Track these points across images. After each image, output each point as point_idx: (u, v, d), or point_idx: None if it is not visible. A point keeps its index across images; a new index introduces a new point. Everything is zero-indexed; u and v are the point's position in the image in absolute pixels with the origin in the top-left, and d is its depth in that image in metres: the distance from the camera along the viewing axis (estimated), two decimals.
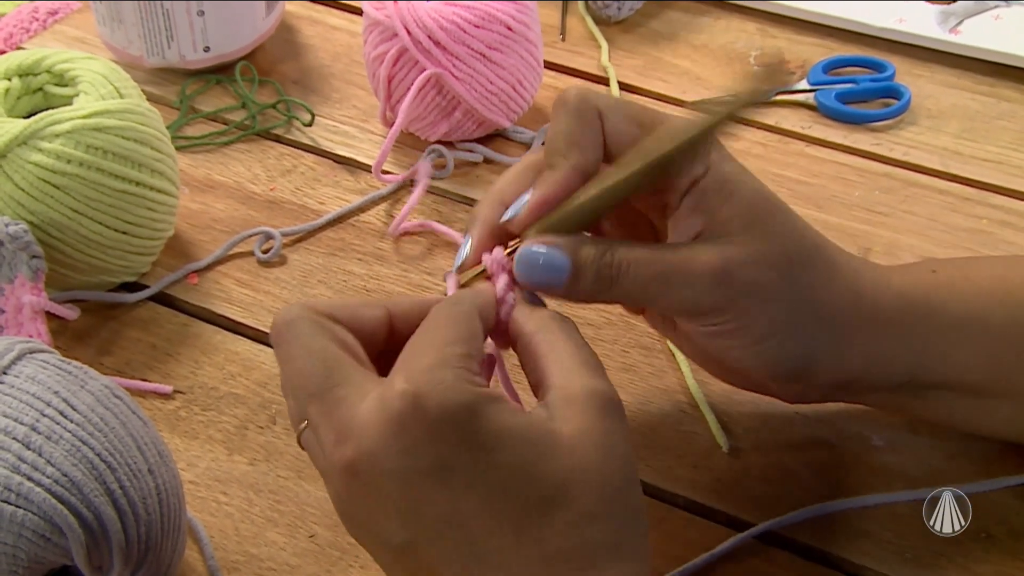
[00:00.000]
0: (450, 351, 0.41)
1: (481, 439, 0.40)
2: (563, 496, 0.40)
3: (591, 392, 0.42)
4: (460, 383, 0.40)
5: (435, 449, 0.40)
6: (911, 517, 0.53)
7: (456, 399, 0.40)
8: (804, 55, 0.83)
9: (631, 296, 0.48)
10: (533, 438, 0.40)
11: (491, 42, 0.70)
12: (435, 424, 0.39)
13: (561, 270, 0.46)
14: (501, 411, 0.40)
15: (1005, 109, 0.78)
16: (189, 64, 0.79)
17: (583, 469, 0.40)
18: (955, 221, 0.70)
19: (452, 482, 0.40)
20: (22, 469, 0.43)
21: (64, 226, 0.60)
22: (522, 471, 0.40)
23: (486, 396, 0.40)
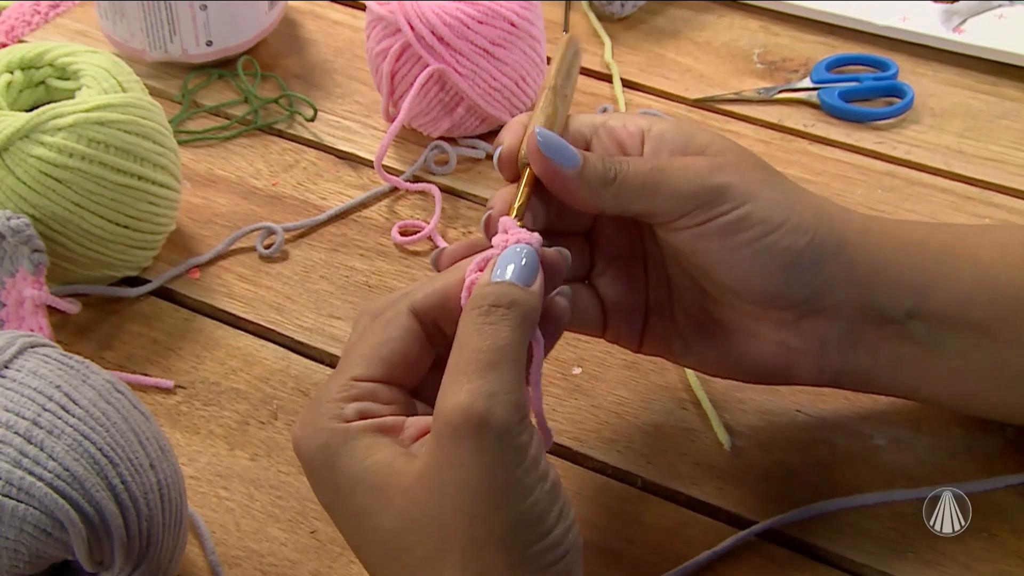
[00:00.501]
0: (334, 383, 0.42)
1: (337, 481, 0.41)
2: (402, 544, 0.39)
3: (450, 415, 0.38)
4: (322, 422, 0.41)
5: (314, 487, 0.43)
6: (913, 515, 0.53)
7: (316, 442, 0.41)
8: (807, 53, 0.83)
9: (634, 189, 0.47)
10: (373, 482, 0.40)
11: (494, 38, 0.70)
12: (306, 468, 0.42)
13: (573, 156, 0.47)
14: (355, 451, 0.40)
15: (1008, 108, 0.78)
16: (191, 58, 0.79)
17: (417, 515, 0.39)
18: (957, 220, 0.70)
19: (334, 517, 0.43)
20: (24, 463, 0.43)
21: (66, 220, 0.60)
22: (365, 517, 0.40)
23: (343, 434, 0.41)
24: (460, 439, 0.38)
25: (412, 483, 0.39)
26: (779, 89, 0.79)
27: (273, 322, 0.64)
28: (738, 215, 0.47)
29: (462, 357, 0.39)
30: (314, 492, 0.43)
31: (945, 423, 0.57)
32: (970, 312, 0.50)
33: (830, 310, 0.49)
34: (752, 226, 0.47)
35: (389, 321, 0.44)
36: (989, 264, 0.50)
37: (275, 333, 0.63)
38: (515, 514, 0.38)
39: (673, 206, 0.47)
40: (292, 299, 0.65)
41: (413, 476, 0.39)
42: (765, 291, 0.49)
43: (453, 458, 0.38)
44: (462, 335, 0.40)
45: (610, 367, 0.61)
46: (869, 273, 0.49)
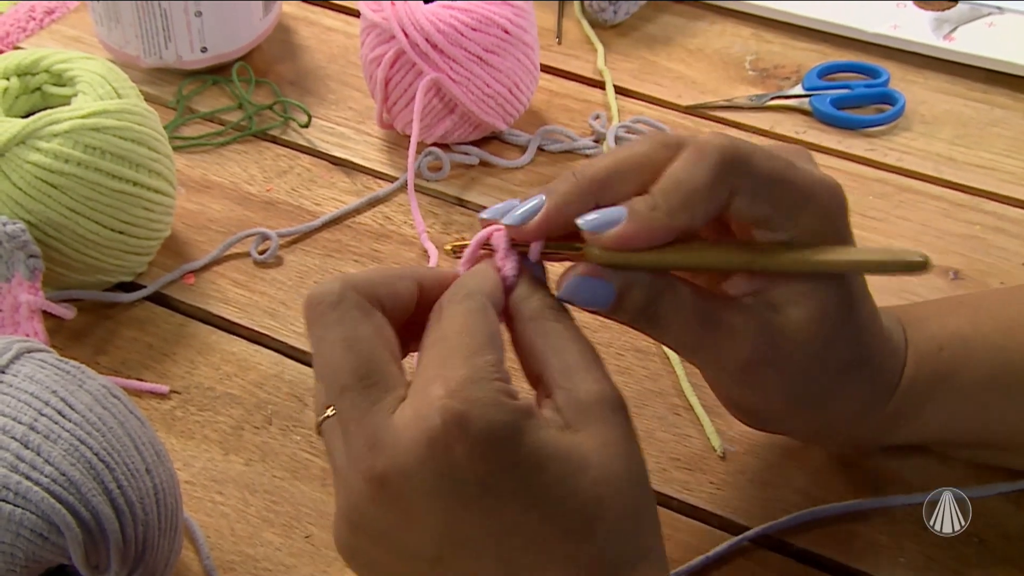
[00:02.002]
0: (483, 361, 0.40)
1: (522, 459, 0.39)
2: (598, 510, 0.40)
3: (602, 398, 0.42)
4: (500, 400, 0.39)
5: (477, 469, 0.39)
6: (905, 521, 0.54)
7: (500, 419, 0.39)
8: (799, 60, 0.83)
9: (669, 341, 0.48)
10: (567, 455, 0.40)
11: (488, 45, 0.70)
12: (478, 446, 0.39)
13: (605, 297, 0.45)
14: (537, 427, 0.40)
15: (998, 116, 0.79)
16: (186, 64, 0.79)
17: (612, 482, 0.40)
18: (948, 227, 0.70)
19: (491, 501, 0.39)
20: (20, 468, 0.43)
21: (61, 225, 0.60)
22: (559, 488, 0.40)
23: (524, 413, 0.40)
24: (621, 415, 0.42)
25: (600, 452, 0.40)
26: (771, 96, 0.79)
27: (267, 327, 0.64)
28: (770, 378, 0.47)
29: (588, 351, 0.43)
30: (438, 480, 0.39)
31: None
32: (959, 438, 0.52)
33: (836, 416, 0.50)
34: (783, 386, 0.48)
35: (483, 310, 0.43)
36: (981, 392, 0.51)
37: (269, 339, 0.63)
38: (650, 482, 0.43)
39: (709, 364, 0.49)
40: (286, 305, 0.65)
41: (597, 448, 0.40)
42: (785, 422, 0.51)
43: (627, 431, 0.42)
44: (573, 334, 0.44)
45: None
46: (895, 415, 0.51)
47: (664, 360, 0.62)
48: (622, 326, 0.62)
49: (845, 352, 0.47)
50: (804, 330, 0.45)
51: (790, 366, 0.46)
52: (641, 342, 0.63)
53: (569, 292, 0.45)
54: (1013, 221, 0.71)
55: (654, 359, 0.62)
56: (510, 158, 0.75)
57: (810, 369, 0.47)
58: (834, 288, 0.46)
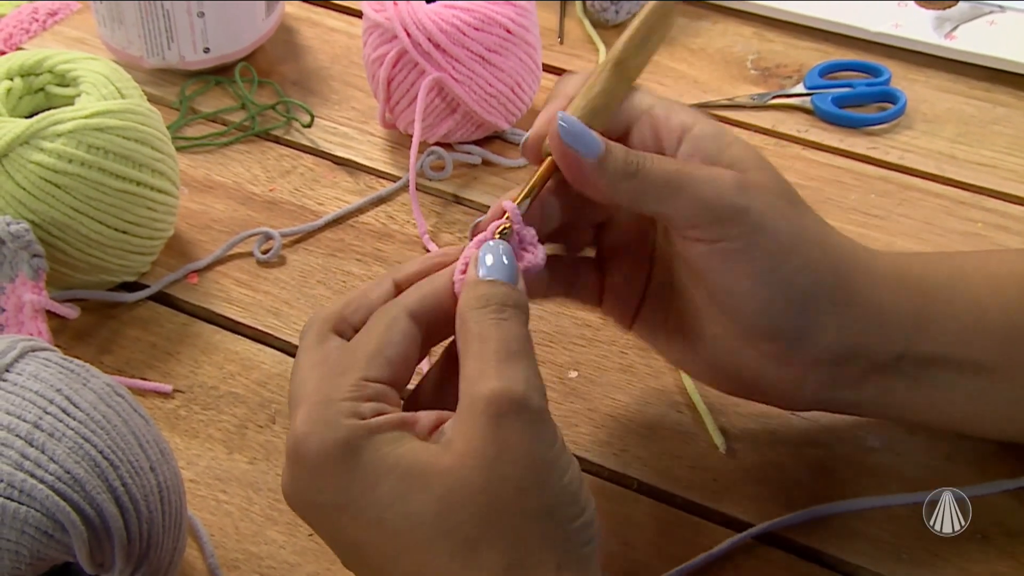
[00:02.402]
0: (348, 380, 0.42)
1: (360, 474, 0.40)
2: (443, 526, 0.39)
3: (490, 398, 0.40)
4: (339, 419, 0.41)
5: (322, 487, 0.41)
6: (907, 518, 0.54)
7: (332, 437, 0.41)
8: (801, 59, 0.83)
9: (652, 187, 0.46)
10: (408, 469, 0.40)
11: (490, 44, 0.70)
12: (316, 465, 0.41)
13: (595, 145, 0.46)
14: (381, 444, 0.40)
15: (1000, 114, 0.79)
16: (189, 65, 0.79)
17: (462, 494, 0.39)
18: (950, 224, 0.70)
19: (344, 516, 0.41)
20: (25, 466, 0.43)
21: (65, 225, 0.60)
22: (399, 504, 0.40)
23: (365, 431, 0.41)
24: (503, 419, 0.40)
25: (455, 464, 0.40)
26: (773, 95, 0.80)
27: (271, 327, 0.64)
28: (748, 242, 0.47)
29: (488, 347, 0.41)
30: (310, 495, 0.42)
31: None
32: (962, 350, 0.50)
33: (815, 352, 0.49)
34: (759, 257, 0.47)
35: (390, 324, 0.44)
36: (986, 303, 0.50)
37: (273, 338, 0.63)
38: (557, 489, 0.40)
39: (688, 214, 0.47)
40: (290, 304, 0.65)
41: (454, 458, 0.40)
42: (754, 320, 0.48)
43: (498, 437, 0.39)
44: (481, 329, 0.42)
45: (606, 371, 0.61)
46: (862, 316, 0.49)
47: None
48: None
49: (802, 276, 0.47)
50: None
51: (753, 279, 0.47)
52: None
53: (568, 125, 0.46)
54: (1015, 219, 0.71)
55: (657, 358, 0.62)
56: (512, 157, 0.75)
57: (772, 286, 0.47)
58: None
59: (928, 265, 0.52)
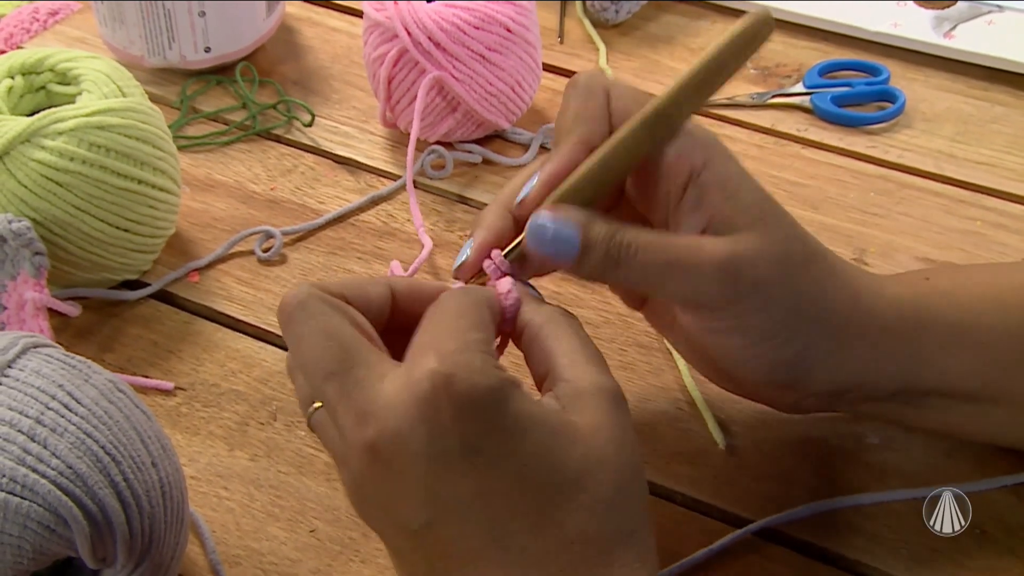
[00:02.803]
0: (473, 337, 0.42)
1: (508, 423, 0.40)
2: (582, 483, 0.41)
3: (599, 387, 0.43)
4: (487, 368, 0.40)
5: (463, 431, 0.40)
6: (907, 514, 0.54)
7: (485, 383, 0.40)
8: (800, 58, 0.83)
9: (636, 280, 0.47)
10: (555, 426, 0.41)
11: (491, 44, 0.70)
12: (464, 406, 0.40)
13: (571, 243, 0.46)
14: (524, 398, 0.41)
15: (999, 113, 0.79)
16: (190, 64, 0.79)
17: (600, 459, 0.41)
18: (949, 223, 0.70)
19: (478, 464, 0.40)
20: (27, 461, 0.43)
21: (67, 223, 0.60)
22: (545, 457, 0.40)
23: (512, 382, 0.41)
24: (618, 406, 0.43)
25: (592, 433, 0.41)
26: (772, 94, 0.80)
27: (272, 324, 0.64)
28: (738, 324, 0.47)
29: (591, 348, 0.45)
30: (428, 440, 0.40)
31: None
32: (960, 385, 0.50)
33: (810, 391, 0.50)
34: (748, 335, 0.48)
35: (478, 305, 0.44)
36: (986, 337, 0.50)
37: (274, 335, 0.64)
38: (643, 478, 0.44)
39: (677, 301, 0.49)
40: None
41: (589, 428, 0.41)
42: (747, 374, 0.50)
43: (622, 422, 0.43)
44: (575, 328, 0.46)
45: None
46: (858, 366, 0.49)
47: (667, 356, 0.62)
48: (625, 322, 0.63)
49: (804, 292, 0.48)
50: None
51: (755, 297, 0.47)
52: (644, 337, 0.63)
53: (536, 237, 0.46)
54: (1014, 217, 0.71)
55: (657, 354, 0.62)
56: (512, 156, 0.75)
57: (776, 300, 0.47)
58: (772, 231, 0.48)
59: (932, 295, 0.51)
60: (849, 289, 0.49)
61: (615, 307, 0.64)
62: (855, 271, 0.51)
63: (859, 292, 0.50)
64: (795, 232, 0.48)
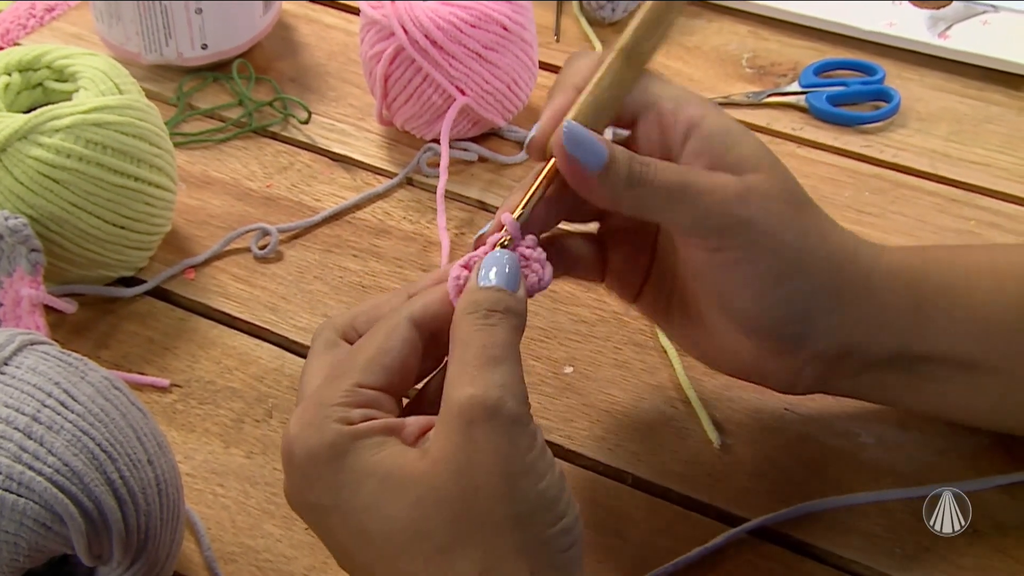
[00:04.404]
0: (340, 386, 0.42)
1: (344, 478, 0.41)
2: (417, 532, 0.40)
3: (463, 404, 0.40)
4: (327, 423, 0.41)
5: (308, 489, 0.42)
6: (900, 513, 0.54)
7: (319, 440, 0.41)
8: (795, 58, 0.84)
9: (655, 198, 0.46)
10: (385, 474, 0.40)
11: (487, 42, 0.70)
12: (304, 466, 0.42)
13: (600, 151, 0.46)
14: (363, 448, 0.41)
15: (993, 113, 0.79)
16: (186, 61, 0.79)
17: (435, 500, 0.40)
18: (943, 222, 0.71)
19: (330, 519, 0.42)
20: (23, 458, 0.43)
21: (63, 220, 0.60)
22: (376, 508, 0.40)
23: (350, 435, 0.41)
24: (476, 425, 0.39)
25: (428, 470, 0.40)
26: (768, 93, 0.80)
27: (268, 322, 0.64)
28: (747, 253, 0.47)
29: (468, 352, 0.41)
30: (303, 495, 0.42)
31: (932, 422, 0.58)
32: (958, 349, 0.50)
33: (812, 350, 0.50)
34: (758, 267, 0.47)
35: (390, 331, 0.44)
36: (985, 304, 0.51)
37: (270, 332, 0.64)
38: (532, 496, 0.40)
39: (689, 225, 0.48)
40: (287, 299, 0.66)
41: (428, 464, 0.40)
42: (753, 323, 0.49)
43: (471, 443, 0.39)
44: (464, 334, 0.42)
45: (601, 366, 0.61)
46: (860, 318, 0.50)
47: (662, 354, 0.62)
48: (620, 320, 0.63)
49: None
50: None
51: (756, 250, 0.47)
52: (639, 336, 0.63)
53: (572, 138, 0.46)
54: (1007, 216, 0.71)
55: (652, 353, 0.62)
56: (509, 154, 0.75)
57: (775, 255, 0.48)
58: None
59: (930, 261, 0.52)
60: (849, 244, 0.50)
61: (610, 306, 0.64)
62: (851, 233, 0.51)
63: (858, 251, 0.50)
64: (796, 181, 0.49)
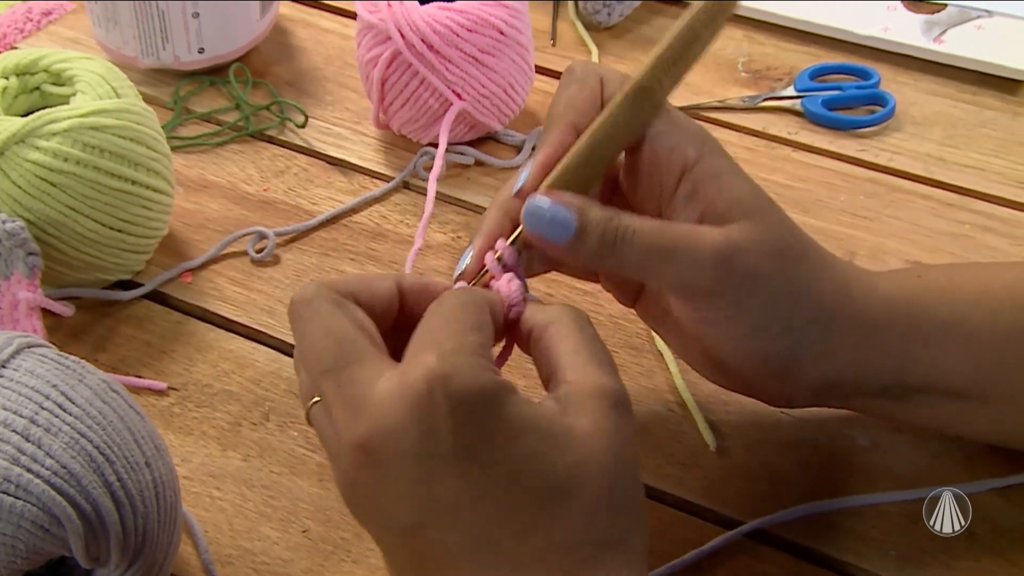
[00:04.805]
0: (470, 339, 0.41)
1: (501, 426, 0.40)
2: (574, 488, 0.40)
3: (602, 389, 0.42)
4: (483, 370, 0.40)
5: (456, 431, 0.40)
6: (897, 515, 0.54)
7: (479, 385, 0.40)
8: (791, 62, 0.84)
9: (632, 265, 0.47)
10: (548, 430, 0.41)
11: (484, 46, 0.71)
12: (458, 407, 0.40)
13: (567, 225, 0.46)
14: (520, 401, 0.41)
15: (987, 117, 0.79)
16: (183, 65, 0.80)
17: (594, 464, 0.41)
18: (938, 226, 0.71)
19: (469, 466, 0.40)
20: (21, 461, 0.43)
21: (60, 224, 0.60)
22: (537, 461, 0.40)
23: (506, 385, 0.41)
24: (621, 410, 0.42)
25: (588, 437, 0.41)
26: (763, 97, 0.80)
27: (265, 325, 0.64)
28: (730, 314, 0.48)
29: (597, 348, 0.44)
30: (421, 441, 0.40)
31: None
32: (950, 381, 0.51)
33: (803, 385, 0.50)
34: (741, 325, 0.48)
35: (472, 303, 0.44)
36: (976, 332, 0.51)
37: (267, 336, 0.64)
38: (639, 481, 0.43)
39: (671, 288, 0.48)
40: (284, 303, 0.66)
41: (585, 432, 0.41)
42: (737, 365, 0.50)
43: (620, 426, 0.42)
44: (574, 331, 0.44)
45: None
46: (850, 360, 0.50)
47: (658, 358, 0.62)
48: (616, 324, 0.63)
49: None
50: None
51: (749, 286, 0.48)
52: (635, 339, 0.63)
53: (532, 217, 0.46)
54: (1002, 220, 0.71)
55: (648, 356, 0.62)
56: (505, 158, 0.75)
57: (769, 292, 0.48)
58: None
59: (925, 291, 0.52)
60: (841, 283, 0.50)
61: (606, 308, 0.65)
62: (846, 266, 0.51)
63: (850, 286, 0.50)
64: (787, 225, 0.49)
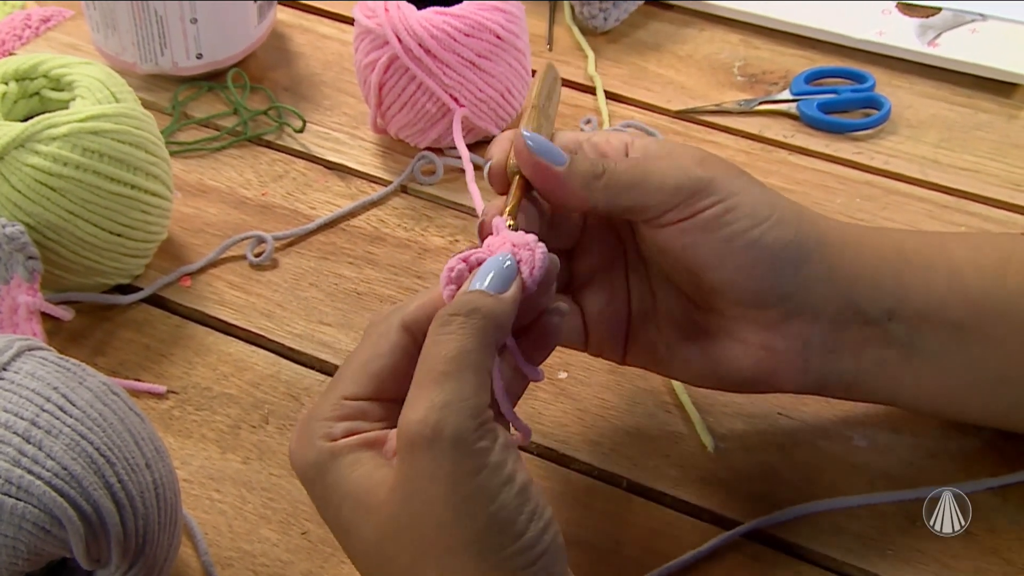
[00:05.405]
0: (327, 401, 0.44)
1: (327, 495, 0.43)
2: (384, 555, 0.41)
3: (406, 429, 0.40)
4: (313, 440, 0.43)
5: (312, 499, 0.44)
6: (893, 515, 0.55)
7: (305, 458, 0.43)
8: (787, 66, 0.84)
9: (621, 181, 0.48)
10: (357, 497, 0.41)
11: (480, 50, 0.71)
12: (301, 480, 0.44)
13: (561, 154, 0.48)
14: (341, 467, 0.42)
15: (982, 120, 0.80)
16: (182, 71, 0.80)
17: (394, 527, 0.40)
18: (934, 228, 0.71)
19: (329, 528, 0.44)
20: (22, 463, 0.43)
21: (60, 228, 0.61)
22: (353, 529, 0.42)
23: (329, 452, 0.42)
24: (418, 452, 0.39)
25: (387, 496, 0.40)
26: (759, 101, 0.80)
27: (264, 329, 0.64)
28: (724, 207, 0.48)
29: (421, 369, 0.41)
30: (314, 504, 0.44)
31: (923, 425, 0.58)
32: (946, 312, 0.51)
33: (812, 310, 0.50)
34: (738, 219, 0.48)
35: (380, 336, 0.45)
36: (961, 266, 0.52)
37: (265, 339, 0.64)
38: (482, 520, 0.39)
39: (661, 197, 0.48)
40: (282, 306, 0.66)
41: (387, 490, 0.41)
42: (750, 287, 0.49)
43: (414, 471, 0.39)
44: (424, 347, 0.42)
45: (595, 371, 0.62)
46: (848, 274, 0.51)
47: None
48: None
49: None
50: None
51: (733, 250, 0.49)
52: None
53: (534, 141, 0.48)
54: (997, 222, 0.72)
55: None
56: None
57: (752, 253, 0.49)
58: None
59: (904, 236, 0.54)
60: (819, 215, 0.52)
61: None
62: None
63: (828, 217, 0.52)
64: None
